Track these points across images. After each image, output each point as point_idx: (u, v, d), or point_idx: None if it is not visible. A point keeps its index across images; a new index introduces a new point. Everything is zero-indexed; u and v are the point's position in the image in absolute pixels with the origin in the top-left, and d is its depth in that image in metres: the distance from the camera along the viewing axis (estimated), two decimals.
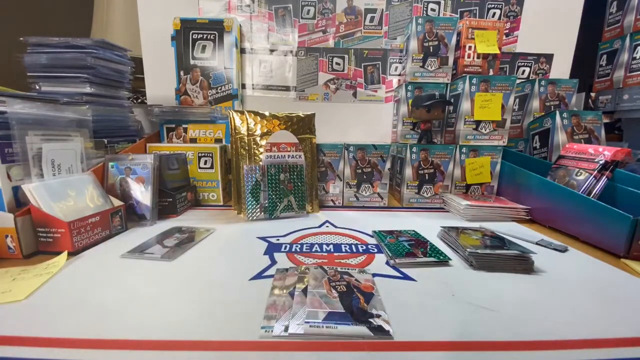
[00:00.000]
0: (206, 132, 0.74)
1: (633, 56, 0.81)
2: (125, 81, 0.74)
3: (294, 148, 0.61)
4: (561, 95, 0.78)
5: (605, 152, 0.55)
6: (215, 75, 0.82)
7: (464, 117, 0.67)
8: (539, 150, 0.75)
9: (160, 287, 0.34)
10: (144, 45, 0.85)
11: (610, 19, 0.88)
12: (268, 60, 0.88)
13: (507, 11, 0.87)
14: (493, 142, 0.68)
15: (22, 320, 0.27)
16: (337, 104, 0.89)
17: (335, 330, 0.26)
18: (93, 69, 0.64)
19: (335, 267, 0.37)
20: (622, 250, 0.43)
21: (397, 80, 0.88)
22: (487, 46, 0.71)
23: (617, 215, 0.44)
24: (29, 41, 0.63)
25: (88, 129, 0.52)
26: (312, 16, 0.86)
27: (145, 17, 0.84)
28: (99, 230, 0.45)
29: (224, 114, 0.76)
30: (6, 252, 0.40)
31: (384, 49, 0.87)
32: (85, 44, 0.63)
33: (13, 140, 0.41)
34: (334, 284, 0.32)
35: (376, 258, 0.42)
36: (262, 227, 0.54)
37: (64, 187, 0.45)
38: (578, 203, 0.50)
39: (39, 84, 0.64)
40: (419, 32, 0.73)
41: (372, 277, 0.35)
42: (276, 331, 0.26)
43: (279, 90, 0.89)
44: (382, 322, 0.27)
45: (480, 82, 0.66)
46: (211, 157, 0.68)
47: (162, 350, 0.24)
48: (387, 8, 0.86)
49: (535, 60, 0.89)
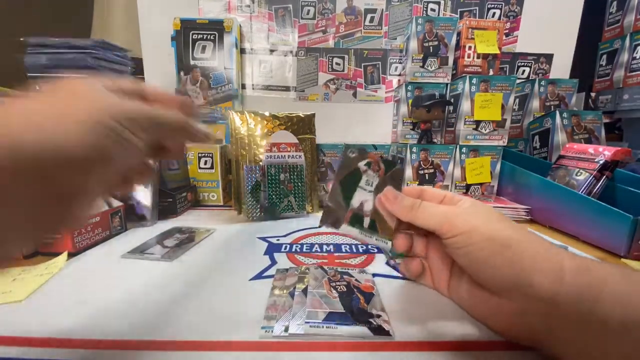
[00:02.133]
0: None
1: (633, 56, 0.81)
2: None
3: (294, 148, 0.61)
4: (561, 95, 0.78)
5: (605, 152, 0.55)
6: (215, 76, 0.82)
7: (464, 117, 0.67)
8: (539, 150, 0.75)
9: (161, 287, 0.34)
10: (144, 45, 0.85)
11: (610, 19, 0.88)
12: (268, 61, 0.88)
13: (507, 11, 0.87)
14: (493, 142, 0.68)
15: (23, 320, 0.27)
16: (337, 104, 0.89)
17: (336, 330, 0.26)
18: (93, 70, 0.64)
19: (335, 267, 0.37)
20: (622, 250, 0.43)
21: (397, 81, 0.88)
22: (487, 46, 0.71)
23: (617, 215, 0.44)
24: (29, 42, 0.63)
25: None
26: (312, 16, 0.86)
27: (145, 17, 0.85)
28: (99, 231, 0.45)
29: (224, 114, 0.76)
30: None
31: (384, 49, 0.87)
32: (85, 44, 0.63)
33: None
34: (334, 284, 0.32)
35: (376, 258, 0.42)
36: (262, 227, 0.54)
37: None
38: (578, 203, 0.50)
39: (39, 84, 0.64)
40: (419, 32, 0.73)
41: (372, 277, 0.35)
42: (276, 331, 0.26)
43: (279, 91, 0.89)
44: (382, 322, 0.27)
45: (480, 82, 0.66)
46: (211, 157, 0.68)
47: (163, 351, 0.24)
48: (387, 8, 0.86)
49: (535, 60, 0.89)
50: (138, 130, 0.19)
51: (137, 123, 0.19)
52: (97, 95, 0.19)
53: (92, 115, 0.17)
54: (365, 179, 0.29)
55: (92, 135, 0.17)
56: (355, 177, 0.30)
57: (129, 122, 0.19)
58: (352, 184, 0.29)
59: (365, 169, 0.29)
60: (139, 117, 0.20)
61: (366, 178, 0.29)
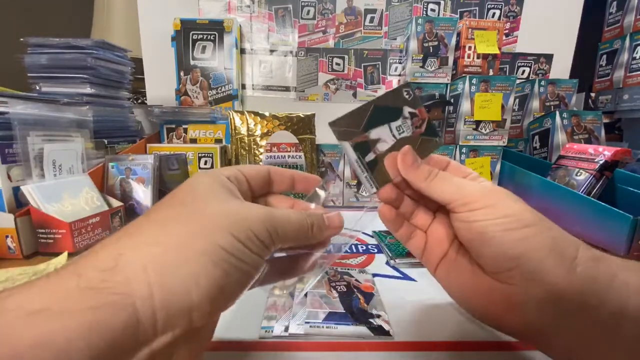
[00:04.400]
0: (206, 132, 0.74)
1: (633, 56, 0.81)
2: (126, 82, 0.75)
3: (294, 148, 0.61)
4: (561, 95, 0.78)
5: (605, 152, 0.55)
6: (215, 76, 0.82)
7: (464, 117, 0.67)
8: (539, 150, 0.75)
9: None
10: (144, 45, 0.85)
11: (610, 19, 0.88)
12: (268, 61, 0.88)
13: (507, 11, 0.87)
14: (493, 142, 0.68)
15: None
16: (337, 104, 0.89)
17: (336, 330, 0.26)
18: (93, 70, 0.64)
19: (335, 267, 0.37)
20: (622, 250, 0.43)
21: (397, 81, 0.88)
22: (487, 46, 0.71)
23: (617, 215, 0.44)
24: (29, 42, 0.63)
25: (89, 129, 0.52)
26: (312, 17, 0.86)
27: (145, 17, 0.85)
28: (100, 231, 0.45)
29: (224, 114, 0.76)
30: (7, 252, 0.40)
31: (383, 49, 0.87)
32: (85, 44, 0.63)
33: (14, 141, 0.41)
34: (334, 284, 0.32)
35: (376, 258, 0.42)
36: None
37: (62, 189, 0.45)
38: (578, 203, 0.50)
39: (39, 84, 0.64)
40: (419, 33, 0.73)
41: (372, 277, 0.35)
42: (276, 331, 0.26)
43: (279, 91, 0.89)
44: (382, 322, 0.27)
45: (480, 82, 0.66)
46: (211, 157, 0.68)
47: None
48: (387, 8, 0.86)
49: (535, 61, 0.89)
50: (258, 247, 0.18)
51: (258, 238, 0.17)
52: (216, 205, 0.18)
53: (212, 241, 0.16)
54: (400, 123, 0.26)
55: (214, 269, 0.16)
56: (392, 116, 0.26)
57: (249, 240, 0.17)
58: (385, 118, 0.26)
59: (407, 116, 0.26)
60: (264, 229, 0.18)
61: (401, 123, 0.26)
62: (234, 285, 0.17)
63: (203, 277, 0.15)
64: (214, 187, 0.19)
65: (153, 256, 0.15)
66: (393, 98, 0.26)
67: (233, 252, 0.16)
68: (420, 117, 0.26)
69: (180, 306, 0.14)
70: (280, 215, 0.19)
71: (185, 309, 0.15)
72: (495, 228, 0.22)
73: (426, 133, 0.26)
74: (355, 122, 0.26)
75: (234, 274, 0.16)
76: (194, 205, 0.18)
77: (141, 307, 0.13)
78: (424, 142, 0.26)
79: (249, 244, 0.17)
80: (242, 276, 0.17)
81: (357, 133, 0.25)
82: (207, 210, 0.17)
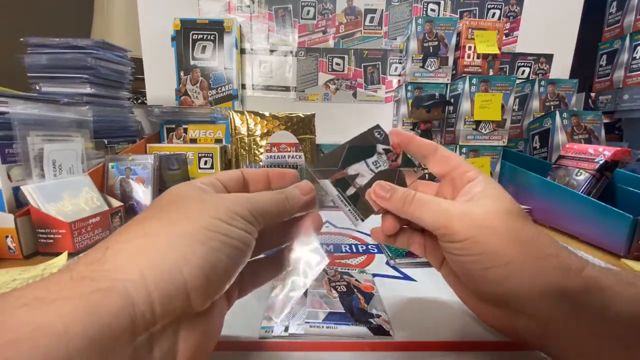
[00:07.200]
0: (206, 132, 0.74)
1: (633, 56, 0.81)
2: (126, 82, 0.75)
3: (294, 148, 0.61)
4: (561, 95, 0.78)
5: (605, 152, 0.55)
6: (215, 76, 0.82)
7: (464, 117, 0.67)
8: (539, 150, 0.75)
9: None
10: (144, 45, 0.85)
11: (610, 19, 0.88)
12: (268, 61, 0.88)
13: (507, 11, 0.87)
14: (493, 142, 0.68)
15: None
16: (337, 104, 0.89)
17: (336, 330, 0.26)
18: (93, 70, 0.64)
19: (335, 267, 0.37)
20: (622, 250, 0.43)
21: (397, 81, 0.88)
22: (487, 46, 0.71)
23: (617, 215, 0.44)
24: (30, 42, 0.63)
25: (89, 129, 0.52)
26: (312, 16, 0.86)
27: (145, 17, 0.85)
28: (100, 231, 0.45)
29: (224, 114, 0.76)
30: (6, 252, 0.40)
31: (383, 49, 0.88)
32: (85, 44, 0.63)
33: (14, 141, 0.41)
34: (334, 284, 0.32)
35: (376, 258, 0.42)
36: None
37: (62, 189, 0.45)
38: (578, 203, 0.50)
39: (39, 84, 0.64)
40: (419, 33, 0.73)
41: (372, 277, 0.35)
42: (276, 331, 0.26)
43: (279, 91, 0.90)
44: (382, 322, 0.27)
45: (480, 82, 0.66)
46: (211, 157, 0.68)
47: None
48: (387, 8, 0.86)
49: (535, 61, 0.89)
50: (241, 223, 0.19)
51: (240, 215, 0.19)
52: (198, 197, 0.19)
53: (200, 222, 0.17)
54: (375, 159, 0.28)
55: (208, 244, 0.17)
56: (366, 153, 0.28)
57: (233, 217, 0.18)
58: (360, 156, 0.28)
59: (382, 152, 0.28)
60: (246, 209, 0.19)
61: (376, 159, 0.28)
62: (226, 261, 0.17)
63: (191, 254, 0.16)
64: (192, 190, 0.20)
65: (140, 245, 0.16)
66: (365, 139, 0.28)
67: (217, 230, 0.17)
68: (395, 152, 0.28)
69: (174, 285, 0.15)
70: (256, 195, 0.21)
71: (180, 286, 0.15)
72: (475, 266, 0.21)
73: (403, 165, 0.28)
74: (332, 161, 0.28)
75: (222, 249, 0.17)
76: (175, 204, 0.19)
77: (134, 290, 0.14)
78: (402, 173, 0.28)
79: (233, 222, 0.18)
80: (232, 251, 0.17)
81: (335, 171, 0.28)
82: (188, 206, 0.18)
